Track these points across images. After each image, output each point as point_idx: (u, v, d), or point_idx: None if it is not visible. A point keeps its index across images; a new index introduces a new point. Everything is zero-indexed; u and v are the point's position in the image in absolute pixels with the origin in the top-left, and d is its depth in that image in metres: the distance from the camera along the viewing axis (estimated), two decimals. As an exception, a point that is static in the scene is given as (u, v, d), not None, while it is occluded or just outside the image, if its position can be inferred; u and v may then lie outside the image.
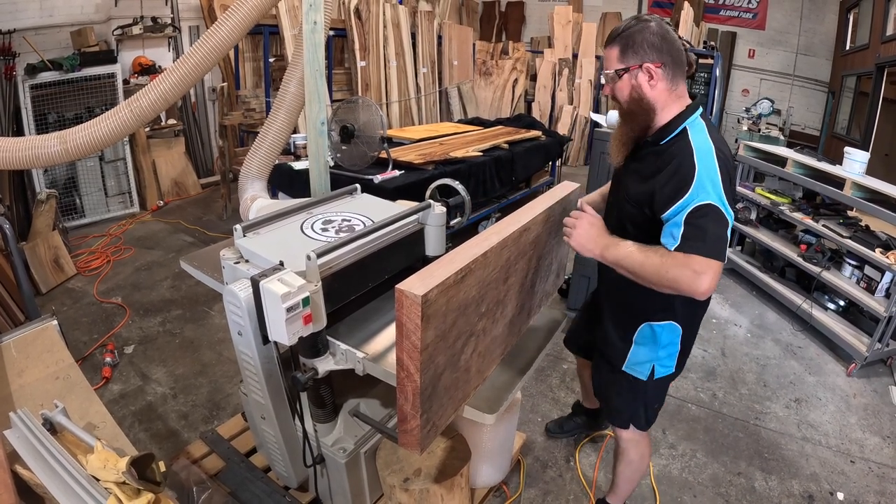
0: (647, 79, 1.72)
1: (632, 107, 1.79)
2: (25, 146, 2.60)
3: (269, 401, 1.97)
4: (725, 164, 1.66)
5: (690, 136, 1.69)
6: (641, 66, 1.71)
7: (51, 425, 1.73)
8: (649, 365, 2.02)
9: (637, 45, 1.70)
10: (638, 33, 1.71)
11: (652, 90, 1.74)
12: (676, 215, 1.61)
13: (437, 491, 2.00)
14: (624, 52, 1.73)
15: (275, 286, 1.51)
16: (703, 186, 1.59)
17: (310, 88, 2.50)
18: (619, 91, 1.80)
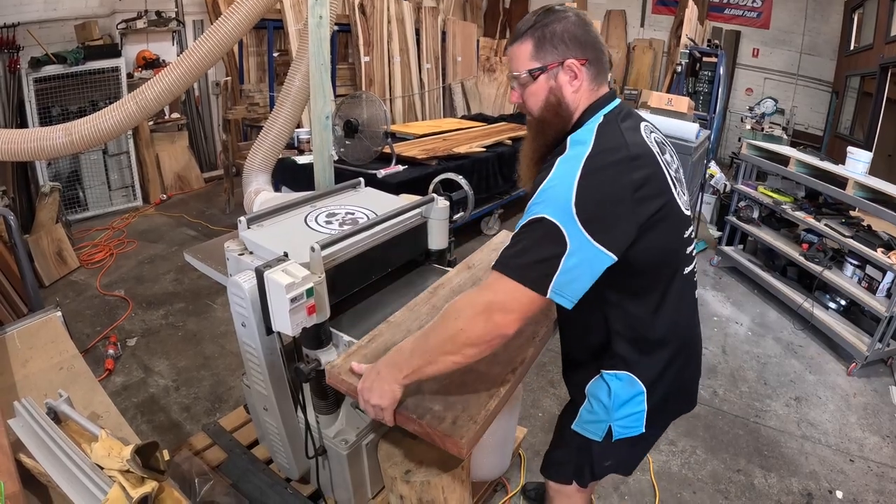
0: (569, 79, 1.41)
1: (547, 114, 1.45)
2: (31, 138, 2.61)
3: (272, 392, 1.98)
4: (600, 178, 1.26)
5: (568, 141, 1.37)
6: (563, 64, 1.39)
7: (55, 414, 1.73)
8: (604, 425, 1.59)
9: (556, 38, 1.38)
10: (556, 24, 1.38)
11: (574, 93, 1.42)
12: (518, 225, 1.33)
13: (438, 483, 2.00)
14: (539, 47, 1.40)
15: (279, 276, 1.53)
16: (544, 197, 1.26)
17: (315, 82, 2.51)
18: (531, 96, 1.46)
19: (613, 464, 1.75)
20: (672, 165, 1.45)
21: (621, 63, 10.90)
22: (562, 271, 1.22)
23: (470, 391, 1.49)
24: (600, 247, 1.23)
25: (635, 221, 1.27)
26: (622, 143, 1.32)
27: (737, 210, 5.35)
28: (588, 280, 1.27)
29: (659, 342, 1.50)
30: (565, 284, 1.24)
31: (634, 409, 1.54)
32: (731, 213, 5.38)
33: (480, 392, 1.49)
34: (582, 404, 1.63)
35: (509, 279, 1.25)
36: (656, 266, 1.41)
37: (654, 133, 1.48)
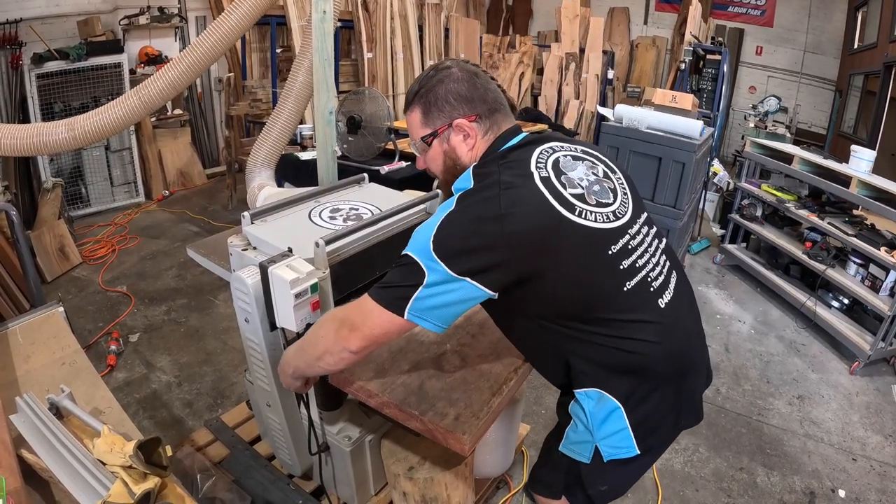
0: (461, 138, 1.41)
1: (448, 177, 1.47)
2: (34, 132, 2.60)
3: (275, 388, 1.98)
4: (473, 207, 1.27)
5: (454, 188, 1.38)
6: (451, 125, 1.40)
7: (57, 410, 1.73)
8: (590, 446, 1.49)
9: (441, 100, 1.40)
10: (438, 86, 1.40)
11: (470, 151, 1.43)
12: None
13: (441, 480, 2.00)
14: (427, 113, 1.42)
15: (284, 272, 1.52)
16: (414, 238, 1.32)
17: (318, 77, 2.51)
18: (431, 161, 1.49)
19: (609, 488, 1.63)
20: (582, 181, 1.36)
21: (624, 60, 10.88)
22: (417, 297, 1.26)
23: (473, 389, 1.49)
24: (469, 280, 1.24)
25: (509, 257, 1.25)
26: (495, 181, 1.29)
27: (740, 208, 5.34)
28: (458, 308, 1.29)
29: (623, 360, 1.40)
30: (425, 310, 1.27)
31: (616, 426, 1.43)
32: (735, 211, 5.37)
33: (483, 389, 1.49)
34: (568, 425, 1.54)
35: (370, 300, 1.32)
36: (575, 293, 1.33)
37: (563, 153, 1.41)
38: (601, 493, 1.62)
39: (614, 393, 1.41)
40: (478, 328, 1.74)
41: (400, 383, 1.49)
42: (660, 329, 1.40)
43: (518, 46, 9.69)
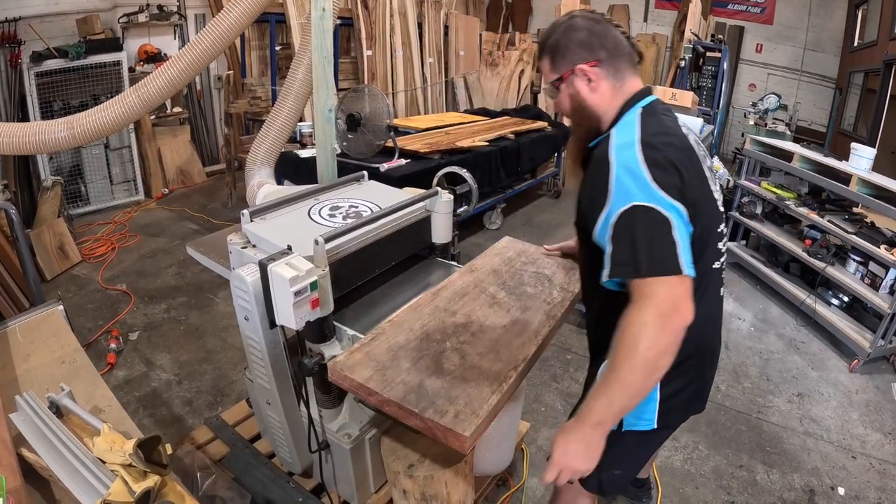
0: (585, 83, 1.48)
1: (574, 118, 1.57)
2: (32, 131, 2.60)
3: (275, 386, 1.98)
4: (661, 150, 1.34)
5: (612, 132, 1.42)
6: (574, 71, 1.48)
7: (57, 408, 1.73)
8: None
9: (564, 48, 1.48)
10: (563, 35, 1.48)
11: (593, 94, 1.49)
12: (602, 235, 1.35)
13: (441, 477, 2.00)
14: (553, 59, 1.51)
15: (283, 270, 1.52)
16: (622, 187, 1.30)
17: (318, 75, 2.50)
18: (559, 104, 1.57)
19: (621, 473, 1.70)
20: (705, 162, 1.50)
21: (624, 58, 10.87)
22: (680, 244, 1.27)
23: (472, 387, 1.49)
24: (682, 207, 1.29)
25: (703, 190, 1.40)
26: (666, 129, 1.42)
27: (740, 206, 5.33)
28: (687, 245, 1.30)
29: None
30: (686, 253, 1.27)
31: (647, 397, 1.47)
32: (735, 209, 5.37)
33: (483, 387, 1.49)
34: None
35: (654, 279, 1.26)
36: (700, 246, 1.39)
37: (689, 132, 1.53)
38: (613, 477, 1.69)
39: None
40: (478, 327, 1.75)
41: (399, 381, 1.48)
42: (710, 315, 1.55)
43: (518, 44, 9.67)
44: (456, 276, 2.04)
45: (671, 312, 1.24)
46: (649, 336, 1.24)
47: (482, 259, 2.21)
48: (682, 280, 1.26)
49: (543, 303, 1.89)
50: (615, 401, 1.31)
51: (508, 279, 2.05)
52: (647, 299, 1.25)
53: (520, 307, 1.86)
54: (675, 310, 1.24)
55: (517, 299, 1.91)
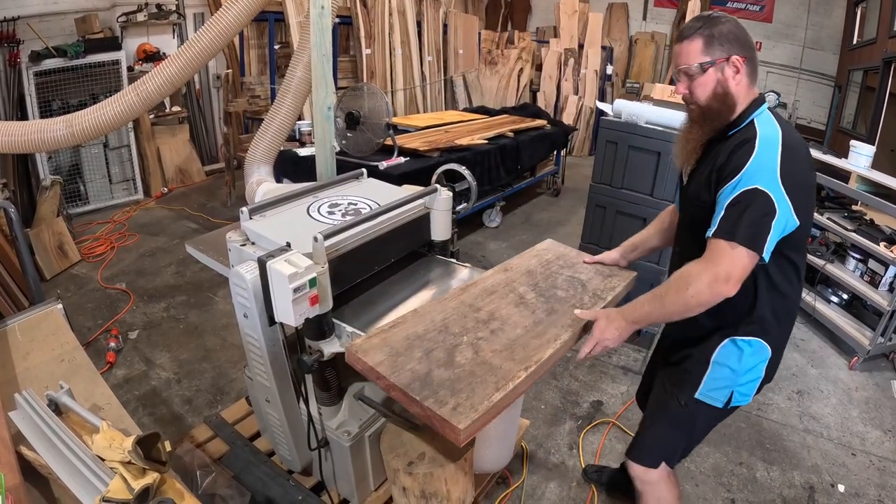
0: (733, 72, 1.61)
1: (713, 104, 1.66)
2: (31, 130, 2.60)
3: (274, 384, 1.98)
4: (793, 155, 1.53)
5: (757, 125, 1.59)
6: (728, 59, 1.60)
7: (56, 406, 1.73)
8: (727, 391, 1.80)
9: (723, 37, 1.60)
10: (722, 25, 1.61)
11: (737, 85, 1.63)
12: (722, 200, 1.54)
13: (441, 475, 2.00)
14: (709, 44, 1.61)
15: (282, 266, 1.52)
16: (755, 170, 1.50)
17: (317, 73, 2.50)
18: (699, 86, 1.66)
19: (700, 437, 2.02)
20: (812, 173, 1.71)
21: (623, 56, 10.87)
22: (773, 231, 1.48)
23: (478, 382, 1.49)
24: (793, 212, 1.51)
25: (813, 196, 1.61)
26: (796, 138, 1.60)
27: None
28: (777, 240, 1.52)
29: (788, 313, 1.76)
30: (770, 243, 1.49)
31: (755, 375, 1.78)
32: (734, 207, 5.36)
33: (489, 384, 1.49)
34: (705, 373, 1.80)
35: (735, 245, 1.48)
36: (803, 242, 1.67)
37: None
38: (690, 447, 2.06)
39: (772, 345, 1.75)
40: (499, 325, 1.74)
41: (409, 369, 1.49)
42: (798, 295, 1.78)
43: (517, 42, 9.69)
44: (489, 274, 2.03)
45: (723, 280, 1.49)
46: (697, 288, 1.51)
47: (519, 259, 2.18)
48: (751, 258, 1.49)
49: (571, 307, 1.86)
50: (653, 315, 1.63)
51: (541, 281, 2.02)
52: (713, 262, 1.51)
53: (546, 309, 1.84)
54: (727, 280, 1.49)
55: (545, 301, 1.89)
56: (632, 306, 1.67)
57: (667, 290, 1.59)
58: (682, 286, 1.55)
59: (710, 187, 1.63)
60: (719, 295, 1.50)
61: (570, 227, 6.13)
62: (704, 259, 1.53)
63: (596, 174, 3.78)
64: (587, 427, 3.12)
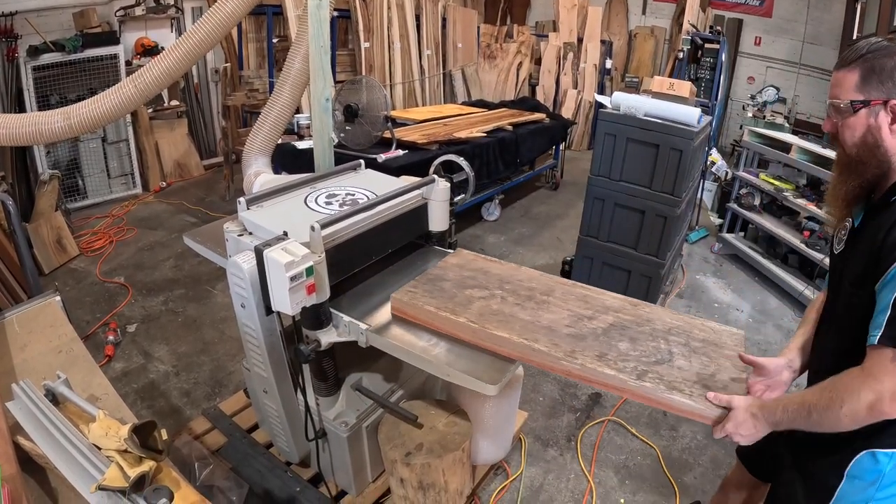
0: (889, 120, 1.30)
1: (861, 153, 1.36)
2: (29, 122, 2.59)
3: (272, 374, 1.98)
4: None
5: None
6: (886, 104, 1.29)
7: (53, 396, 1.72)
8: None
9: (885, 74, 1.28)
10: (888, 58, 1.28)
11: (891, 136, 1.31)
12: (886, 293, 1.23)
13: (438, 466, 2.00)
14: (867, 79, 1.30)
15: (278, 255, 1.52)
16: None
17: (314, 64, 2.49)
18: (847, 129, 1.36)
19: None
20: None
21: (622, 50, 10.85)
22: None
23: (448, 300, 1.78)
24: None
25: None
26: None
27: (738, 197, 5.32)
28: None
29: None
30: None
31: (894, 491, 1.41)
32: (733, 201, 5.36)
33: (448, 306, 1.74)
34: (839, 486, 1.45)
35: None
36: None
37: None
38: None
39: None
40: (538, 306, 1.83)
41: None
42: None
43: (516, 36, 9.67)
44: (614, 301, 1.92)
45: (889, 400, 1.19)
46: (854, 408, 1.22)
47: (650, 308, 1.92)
48: None
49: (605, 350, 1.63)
50: (795, 424, 1.32)
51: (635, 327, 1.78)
52: (875, 378, 1.21)
53: (590, 334, 1.71)
54: (892, 400, 1.19)
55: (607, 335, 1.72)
56: (774, 407, 1.36)
57: (817, 400, 1.28)
58: (834, 401, 1.25)
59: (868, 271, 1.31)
60: (881, 416, 1.20)
61: (569, 221, 6.12)
62: (865, 372, 1.23)
63: (594, 166, 3.77)
64: (587, 423, 3.12)
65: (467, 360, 1.64)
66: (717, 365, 1.57)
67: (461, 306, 1.77)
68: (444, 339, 1.72)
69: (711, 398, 1.43)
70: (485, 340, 1.66)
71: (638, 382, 1.48)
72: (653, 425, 3.10)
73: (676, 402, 1.45)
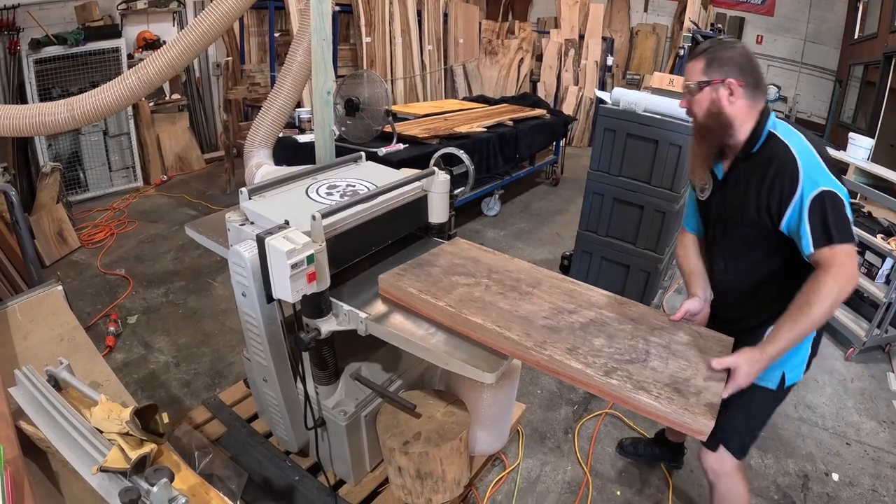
0: (727, 94, 1.73)
1: (708, 121, 1.79)
2: (32, 113, 2.60)
3: (272, 363, 1.99)
4: (818, 144, 1.67)
5: (780, 135, 1.70)
6: (724, 82, 1.72)
7: (55, 381, 1.74)
8: (779, 372, 1.85)
9: (722, 61, 1.72)
10: (724, 50, 1.73)
11: (731, 106, 1.74)
12: (797, 216, 1.62)
13: (436, 455, 2.02)
14: (709, 66, 1.74)
15: (280, 243, 1.53)
16: (809, 177, 1.59)
17: (316, 57, 2.50)
18: (696, 103, 1.80)
19: (760, 430, 2.03)
20: None
21: (624, 48, 10.86)
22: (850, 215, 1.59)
23: (433, 284, 1.83)
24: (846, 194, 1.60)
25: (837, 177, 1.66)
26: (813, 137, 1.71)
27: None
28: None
29: None
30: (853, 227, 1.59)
31: (803, 354, 1.86)
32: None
33: (432, 290, 1.78)
34: None
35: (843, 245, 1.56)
36: None
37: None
38: (755, 436, 2.03)
39: None
40: (519, 297, 1.83)
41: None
42: None
43: (517, 32, 9.68)
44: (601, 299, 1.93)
45: (854, 273, 1.56)
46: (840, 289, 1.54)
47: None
48: (852, 247, 1.57)
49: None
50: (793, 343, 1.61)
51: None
52: (838, 267, 1.54)
53: (566, 327, 1.72)
54: (852, 277, 1.55)
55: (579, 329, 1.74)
56: (773, 344, 1.61)
57: (800, 312, 1.58)
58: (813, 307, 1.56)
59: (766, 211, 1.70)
60: (849, 292, 1.56)
61: (569, 217, 6.14)
62: (825, 270, 1.56)
63: (594, 162, 3.78)
64: (585, 416, 3.13)
65: (465, 350, 1.66)
66: (696, 370, 1.58)
67: (443, 291, 1.79)
68: (443, 330, 1.74)
69: (715, 365, 1.60)
70: (460, 325, 1.69)
71: (604, 379, 1.50)
72: (650, 419, 3.12)
73: (642, 402, 1.47)
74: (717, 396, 1.48)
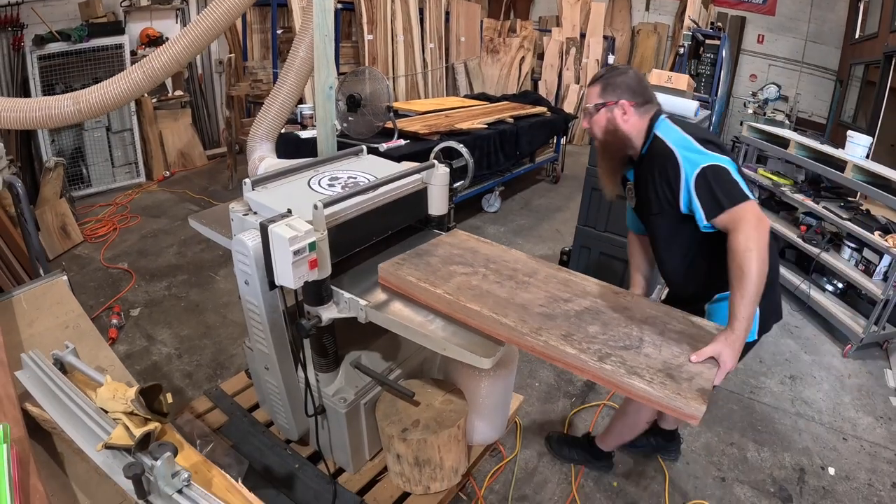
0: (621, 113, 1.97)
1: (607, 137, 2.02)
2: (38, 106, 2.63)
3: (273, 351, 2.02)
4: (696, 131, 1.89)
5: (660, 134, 1.92)
6: (617, 103, 1.96)
7: (61, 365, 1.77)
8: None
9: (615, 85, 1.97)
10: (617, 76, 1.99)
11: (625, 123, 1.98)
12: (688, 197, 1.80)
13: (434, 442, 2.05)
14: (604, 90, 1.99)
15: (282, 230, 1.56)
16: (688, 160, 1.80)
17: (319, 53, 2.53)
18: (595, 123, 2.04)
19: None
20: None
21: (625, 46, 10.88)
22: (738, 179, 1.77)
23: (432, 272, 1.87)
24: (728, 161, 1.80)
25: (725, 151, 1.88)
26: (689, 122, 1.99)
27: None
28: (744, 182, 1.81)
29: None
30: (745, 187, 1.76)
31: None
32: (731, 196, 5.39)
33: (430, 279, 1.82)
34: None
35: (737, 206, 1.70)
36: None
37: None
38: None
39: None
40: (516, 286, 1.87)
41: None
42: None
43: (519, 31, 9.70)
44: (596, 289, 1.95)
45: (760, 220, 1.67)
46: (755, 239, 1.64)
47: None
48: (752, 202, 1.71)
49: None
50: (752, 308, 1.67)
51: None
52: (741, 221, 1.67)
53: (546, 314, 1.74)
54: (761, 218, 1.68)
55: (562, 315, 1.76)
56: (737, 318, 1.66)
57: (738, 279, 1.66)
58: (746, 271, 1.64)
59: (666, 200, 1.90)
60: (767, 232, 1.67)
61: (569, 214, 6.17)
62: (733, 233, 1.68)
63: (593, 157, 3.81)
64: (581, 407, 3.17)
65: (462, 336, 1.69)
66: (688, 356, 1.60)
67: (442, 279, 1.83)
68: (441, 317, 1.77)
69: (694, 359, 1.59)
70: (458, 312, 1.72)
71: (598, 364, 1.52)
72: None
73: (636, 387, 1.48)
74: (708, 382, 1.50)
